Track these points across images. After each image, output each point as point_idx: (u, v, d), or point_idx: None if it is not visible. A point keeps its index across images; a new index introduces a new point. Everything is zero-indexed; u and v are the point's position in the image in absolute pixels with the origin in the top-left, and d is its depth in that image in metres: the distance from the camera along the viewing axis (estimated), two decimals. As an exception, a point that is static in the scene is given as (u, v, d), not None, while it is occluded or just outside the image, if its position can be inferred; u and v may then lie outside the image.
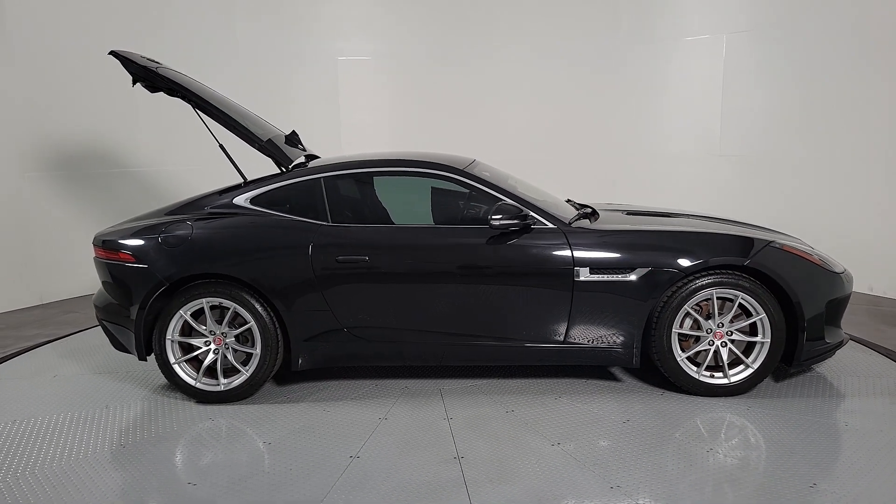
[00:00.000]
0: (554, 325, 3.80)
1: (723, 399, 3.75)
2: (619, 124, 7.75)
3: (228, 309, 3.82)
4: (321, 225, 3.89)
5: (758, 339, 3.73)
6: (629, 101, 7.70)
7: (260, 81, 7.20)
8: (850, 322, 4.76)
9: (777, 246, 3.76)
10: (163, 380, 4.14)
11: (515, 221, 3.71)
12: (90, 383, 4.29)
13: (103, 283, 4.09)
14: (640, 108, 7.67)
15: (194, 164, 6.70)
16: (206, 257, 3.80)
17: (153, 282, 3.79)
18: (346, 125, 7.63)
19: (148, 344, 3.93)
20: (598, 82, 7.74)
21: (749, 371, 3.76)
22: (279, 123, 4.57)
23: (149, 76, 4.15)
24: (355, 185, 4.20)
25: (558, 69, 7.74)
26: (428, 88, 7.79)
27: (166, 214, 4.11)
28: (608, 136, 7.79)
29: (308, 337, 3.86)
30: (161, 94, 4.34)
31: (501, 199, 3.87)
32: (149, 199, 5.66)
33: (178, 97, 4.27)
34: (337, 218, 3.95)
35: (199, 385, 3.87)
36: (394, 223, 4.11)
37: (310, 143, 4.43)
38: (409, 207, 4.29)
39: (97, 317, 4.16)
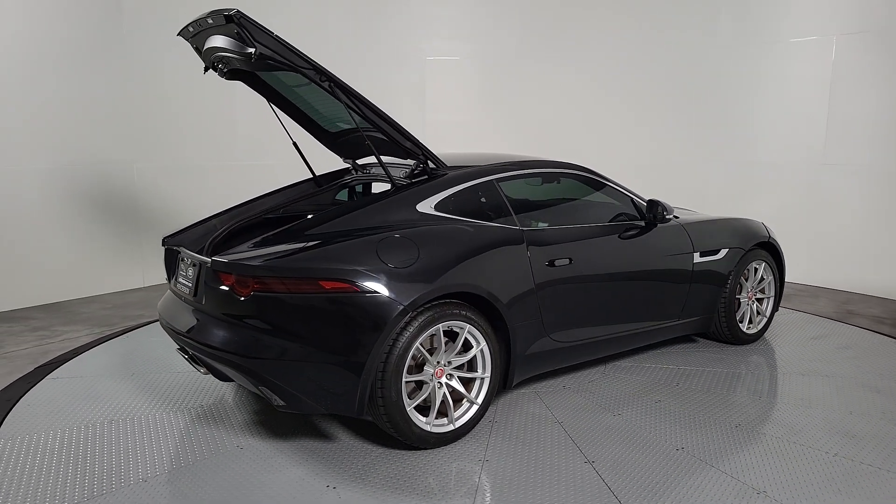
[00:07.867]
0: (679, 303, 4.42)
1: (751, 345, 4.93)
2: (715, 129, 7.52)
3: (457, 334, 3.28)
4: (522, 230, 3.64)
5: (765, 295, 5.03)
6: (727, 105, 7.42)
7: (348, 78, 6.33)
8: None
9: (767, 225, 5.11)
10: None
11: (673, 216, 4.23)
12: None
13: (272, 323, 2.96)
14: (738, 112, 7.36)
15: (288, 159, 5.47)
16: (449, 275, 3.18)
17: (394, 311, 2.99)
18: (431, 123, 7.15)
19: None
20: (695, 85, 7.50)
21: (765, 320, 5.04)
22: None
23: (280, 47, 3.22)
24: (519, 187, 3.99)
25: (652, 71, 7.53)
26: (515, 89, 7.60)
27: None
28: (704, 140, 7.59)
29: (525, 350, 3.59)
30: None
31: (633, 199, 4.29)
32: (243, 193, 4.58)
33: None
34: (521, 221, 3.74)
35: (432, 428, 3.22)
36: (561, 224, 4.05)
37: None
38: (563, 207, 4.27)
39: (240, 366, 2.99)
